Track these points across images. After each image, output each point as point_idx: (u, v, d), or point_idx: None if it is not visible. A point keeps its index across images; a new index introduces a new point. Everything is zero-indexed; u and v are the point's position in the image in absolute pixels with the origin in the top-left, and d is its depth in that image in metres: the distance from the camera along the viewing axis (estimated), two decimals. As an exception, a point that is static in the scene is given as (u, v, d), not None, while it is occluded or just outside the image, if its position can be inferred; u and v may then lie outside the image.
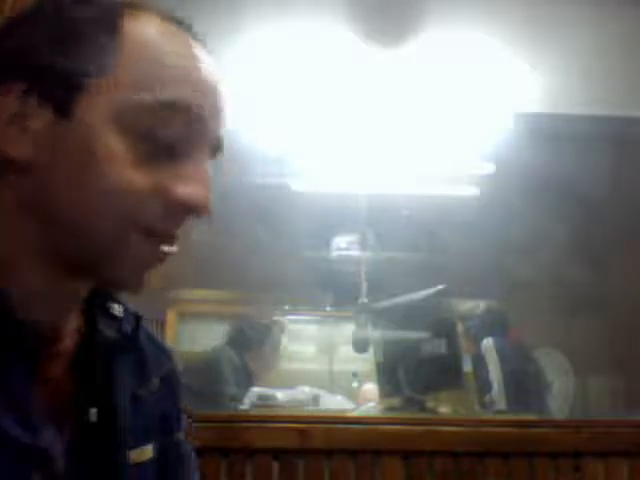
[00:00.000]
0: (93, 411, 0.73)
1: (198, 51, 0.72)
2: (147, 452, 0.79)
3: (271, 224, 3.86)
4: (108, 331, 0.77)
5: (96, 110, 0.67)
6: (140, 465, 0.77)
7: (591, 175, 3.74)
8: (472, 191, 3.95)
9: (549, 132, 3.48)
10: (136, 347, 0.81)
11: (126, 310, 0.80)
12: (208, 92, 0.71)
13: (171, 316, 4.34)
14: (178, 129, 0.69)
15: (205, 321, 4.47)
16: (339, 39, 3.11)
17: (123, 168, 0.67)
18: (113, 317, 0.78)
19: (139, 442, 0.78)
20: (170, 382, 0.86)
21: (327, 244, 4.12)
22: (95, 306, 0.77)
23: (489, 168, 3.73)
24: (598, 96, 3.26)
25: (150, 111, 0.67)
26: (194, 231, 0.78)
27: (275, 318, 3.75)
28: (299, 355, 4.39)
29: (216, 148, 0.74)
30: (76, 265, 0.70)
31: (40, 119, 0.67)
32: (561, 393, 3.72)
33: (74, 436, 0.72)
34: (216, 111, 0.72)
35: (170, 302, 4.19)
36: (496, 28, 3.14)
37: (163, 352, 0.87)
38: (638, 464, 1.75)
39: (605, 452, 1.76)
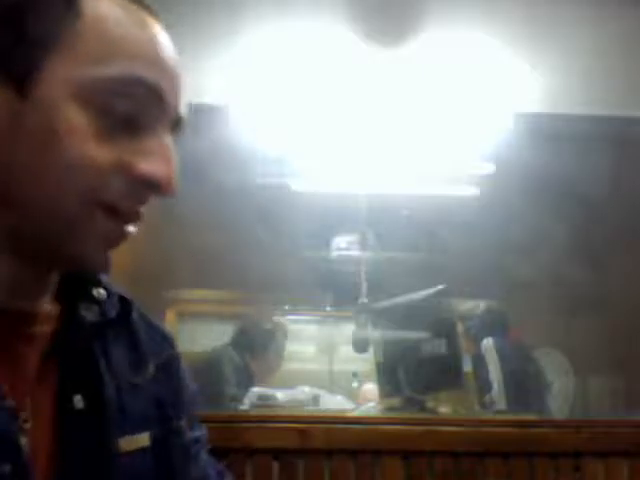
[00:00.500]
0: (77, 398, 0.72)
1: (155, 28, 0.70)
2: (141, 440, 0.77)
3: (271, 224, 3.86)
4: (89, 315, 0.75)
5: (55, 86, 0.65)
6: (132, 453, 0.75)
7: (591, 175, 3.74)
8: (472, 191, 3.95)
9: (549, 132, 3.48)
10: (123, 331, 0.79)
11: (110, 294, 0.78)
12: (166, 67, 0.69)
13: (171, 316, 4.34)
14: (138, 103, 0.67)
15: (205, 321, 4.47)
16: (339, 39, 3.11)
17: (85, 143, 0.65)
18: (96, 302, 0.76)
19: (133, 430, 0.76)
20: (170, 368, 0.84)
21: (327, 244, 4.12)
22: (76, 291, 0.75)
23: (489, 168, 3.73)
24: (598, 96, 3.26)
25: (109, 85, 0.66)
26: (193, 231, 0.77)
27: (278, 321, 3.75)
28: (299, 355, 4.39)
29: (176, 124, 0.72)
30: (38, 248, 0.68)
31: None
32: (561, 393, 3.72)
33: (60, 425, 0.71)
34: (174, 86, 0.70)
35: (170, 302, 4.19)
36: (496, 28, 3.14)
37: (162, 337, 0.85)
38: (638, 464, 1.75)
39: (605, 452, 1.76)
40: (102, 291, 0.77)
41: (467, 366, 3.06)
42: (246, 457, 1.68)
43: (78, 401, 0.72)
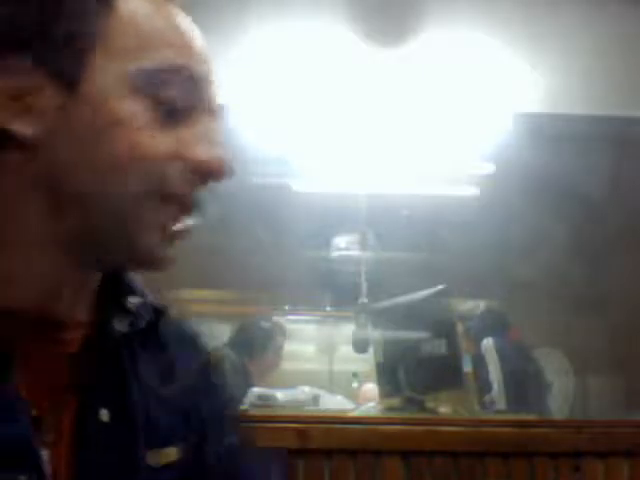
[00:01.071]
0: (104, 411, 0.69)
1: (183, 17, 0.72)
2: (169, 454, 0.74)
3: (271, 224, 3.86)
4: (119, 325, 0.72)
5: (102, 80, 0.65)
6: (159, 468, 0.73)
7: (591, 175, 3.74)
8: (472, 191, 3.95)
9: (549, 132, 3.48)
10: (153, 341, 0.76)
11: (144, 304, 0.75)
12: (199, 54, 0.70)
13: (171, 316, 4.34)
14: (180, 91, 0.67)
15: (205, 321, 4.47)
16: (339, 39, 3.11)
17: (141, 134, 0.65)
18: (129, 312, 0.73)
19: (160, 444, 0.73)
20: (200, 381, 0.81)
21: (327, 244, 4.12)
22: (110, 300, 0.73)
23: (489, 168, 3.73)
24: (598, 96, 3.26)
25: (154, 75, 0.66)
26: (193, 231, 0.77)
27: (276, 321, 3.74)
28: (299, 355, 4.39)
29: (218, 114, 0.72)
30: (101, 247, 0.67)
31: (44, 95, 0.64)
32: (561, 393, 3.72)
33: (81, 438, 0.68)
34: (208, 72, 0.70)
35: (170, 302, 4.18)
36: (496, 28, 3.14)
37: (194, 349, 0.82)
38: (638, 464, 1.75)
39: (605, 452, 1.75)
40: (135, 300, 0.74)
41: (467, 366, 3.06)
42: (246, 457, 1.68)
43: (104, 414, 0.69)
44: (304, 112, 3.36)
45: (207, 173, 0.68)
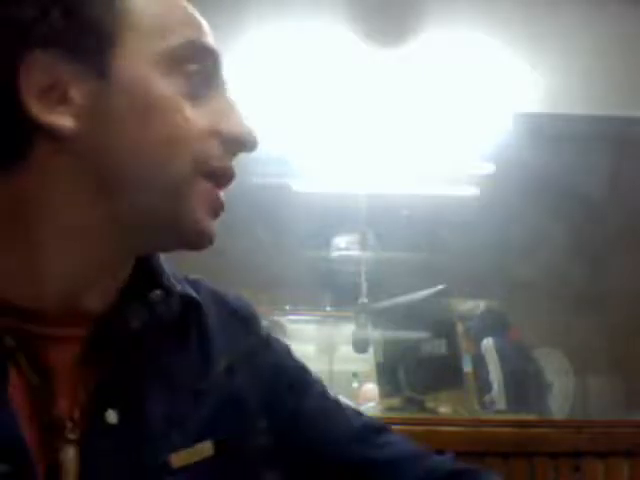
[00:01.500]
0: (111, 413, 0.66)
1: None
2: (202, 450, 0.72)
3: (271, 224, 3.86)
4: (134, 320, 0.69)
5: (132, 63, 0.65)
6: (189, 468, 0.70)
7: (591, 175, 3.74)
8: (472, 191, 3.95)
9: (549, 132, 3.48)
10: (185, 333, 0.74)
11: (169, 296, 0.72)
12: (208, 32, 0.71)
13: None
14: (204, 67, 0.68)
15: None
16: (339, 39, 3.11)
17: (181, 110, 0.65)
18: (149, 304, 0.71)
19: (190, 441, 0.71)
20: (252, 358, 0.79)
21: (327, 244, 4.12)
22: (133, 293, 0.71)
23: (489, 168, 3.73)
24: (598, 96, 3.26)
25: (180, 52, 0.66)
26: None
27: (275, 319, 3.74)
28: (299, 355, 4.38)
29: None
30: (143, 229, 0.67)
31: (78, 85, 0.64)
32: (561, 393, 3.72)
33: (88, 439, 0.66)
34: (216, 47, 0.72)
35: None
36: (496, 28, 3.14)
37: (242, 325, 0.80)
38: (638, 464, 1.75)
39: (605, 452, 1.75)
40: (159, 292, 0.71)
41: (467, 366, 3.06)
42: (246, 457, 1.68)
43: (112, 416, 0.66)
44: (304, 112, 3.36)
45: (241, 145, 0.69)
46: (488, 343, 3.42)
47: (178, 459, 0.69)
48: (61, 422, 0.65)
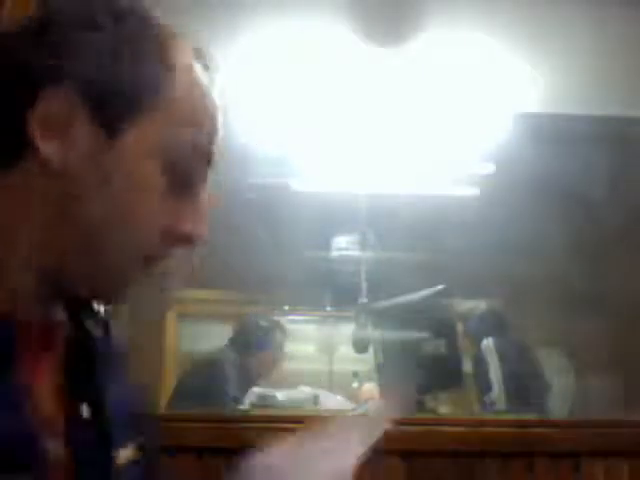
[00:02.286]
0: (84, 407, 0.73)
1: (213, 96, 0.77)
2: (131, 453, 0.79)
3: (271, 224, 3.86)
4: (94, 329, 0.78)
5: (140, 140, 0.69)
6: (126, 466, 0.77)
7: (591, 175, 3.74)
8: (472, 191, 3.95)
9: (549, 132, 3.48)
10: (111, 346, 0.82)
11: (105, 310, 0.82)
12: (218, 136, 0.76)
13: (171, 316, 4.34)
14: (196, 167, 0.73)
15: (205, 321, 4.47)
16: (339, 39, 3.11)
17: (153, 201, 0.70)
18: (95, 315, 0.80)
19: (125, 442, 0.77)
20: (132, 383, 0.86)
21: (327, 244, 4.12)
22: (78, 304, 0.78)
23: (489, 168, 3.73)
24: (598, 96, 3.26)
25: (182, 149, 0.71)
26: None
27: (274, 318, 3.73)
28: (299, 355, 4.39)
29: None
30: (77, 283, 0.72)
31: (84, 131, 0.68)
32: (561, 393, 3.72)
33: (71, 434, 0.71)
34: (219, 150, 0.77)
35: (170, 302, 4.18)
36: (496, 28, 3.14)
37: (123, 352, 0.88)
38: (638, 464, 1.75)
39: (605, 452, 1.75)
40: (99, 306, 0.80)
41: (467, 366, 3.06)
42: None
43: (85, 410, 0.73)
44: (304, 112, 3.36)
45: (186, 244, 0.75)
46: (488, 343, 3.42)
47: (120, 457, 0.76)
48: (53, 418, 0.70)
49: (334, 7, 3.03)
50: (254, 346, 3.38)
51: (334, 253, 4.08)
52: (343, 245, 4.06)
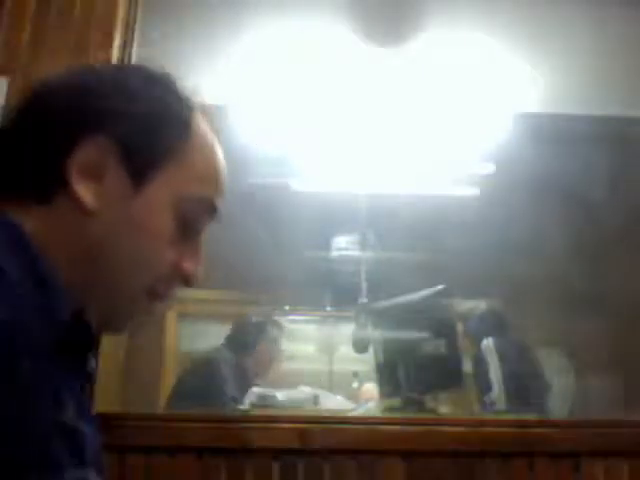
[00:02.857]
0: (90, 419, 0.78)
1: (222, 155, 0.89)
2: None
3: (271, 224, 3.86)
4: (92, 361, 0.84)
5: (162, 191, 0.81)
6: None
7: (591, 175, 3.74)
8: (472, 191, 3.95)
9: (549, 132, 3.48)
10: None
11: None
12: (224, 191, 0.88)
13: (171, 316, 4.34)
14: (205, 217, 0.86)
15: (205, 321, 4.47)
16: (339, 39, 3.11)
17: (163, 247, 0.82)
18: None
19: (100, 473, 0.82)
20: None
21: (327, 244, 4.12)
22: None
23: (489, 168, 3.73)
24: (598, 96, 3.26)
25: (196, 203, 0.84)
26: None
27: (273, 318, 3.74)
28: (299, 355, 4.39)
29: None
30: (86, 302, 0.78)
31: (116, 179, 0.79)
32: (561, 393, 3.72)
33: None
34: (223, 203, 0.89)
35: (170, 302, 4.18)
36: (496, 28, 3.14)
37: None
38: (638, 464, 1.75)
39: (605, 452, 1.75)
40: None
41: (467, 366, 3.06)
42: (246, 457, 1.68)
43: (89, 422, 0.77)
44: (304, 112, 3.36)
45: (187, 282, 0.86)
46: (488, 343, 3.42)
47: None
48: None
49: (334, 7, 3.03)
50: (250, 346, 3.38)
51: (334, 253, 4.08)
52: (343, 245, 4.06)
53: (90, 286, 0.79)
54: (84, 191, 0.78)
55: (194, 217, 0.84)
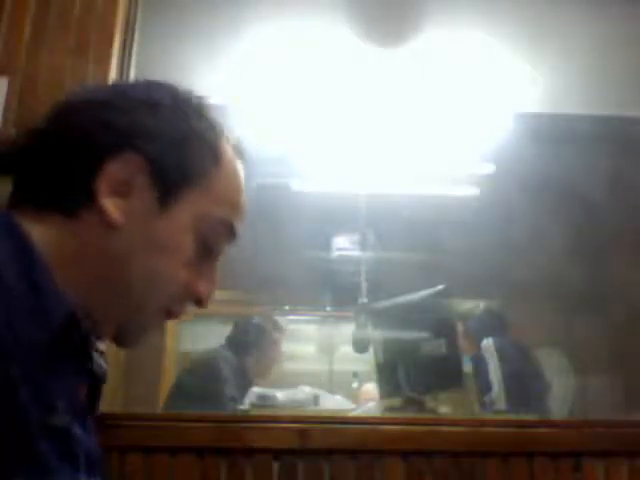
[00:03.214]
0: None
1: (244, 178, 0.91)
2: None
3: (271, 224, 3.86)
4: (100, 362, 0.85)
5: (186, 212, 0.82)
6: None
7: (591, 175, 3.74)
8: (472, 191, 3.95)
9: (549, 132, 3.48)
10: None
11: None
12: (244, 214, 0.90)
13: (171, 316, 4.33)
14: (225, 240, 0.88)
15: (205, 321, 4.47)
16: (339, 39, 3.11)
17: (181, 267, 0.83)
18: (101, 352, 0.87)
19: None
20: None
21: (327, 244, 4.12)
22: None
23: (489, 168, 3.73)
24: (598, 96, 3.26)
25: (216, 225, 0.86)
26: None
27: (271, 317, 3.73)
28: (299, 355, 4.39)
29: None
30: (102, 319, 0.81)
31: (143, 197, 0.81)
32: (561, 393, 3.72)
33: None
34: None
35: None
36: (496, 28, 3.14)
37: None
38: (638, 464, 1.75)
39: (605, 452, 1.75)
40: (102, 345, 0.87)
41: (467, 366, 3.06)
42: (246, 457, 1.68)
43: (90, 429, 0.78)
44: (304, 112, 3.36)
45: (199, 303, 0.88)
46: (488, 343, 3.42)
47: None
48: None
49: (334, 7, 3.03)
50: (250, 346, 3.38)
51: (334, 253, 4.08)
52: (343, 245, 4.06)
53: (106, 300, 0.80)
54: (111, 206, 0.80)
55: (214, 239, 0.86)
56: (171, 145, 0.82)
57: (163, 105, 0.84)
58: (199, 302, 0.87)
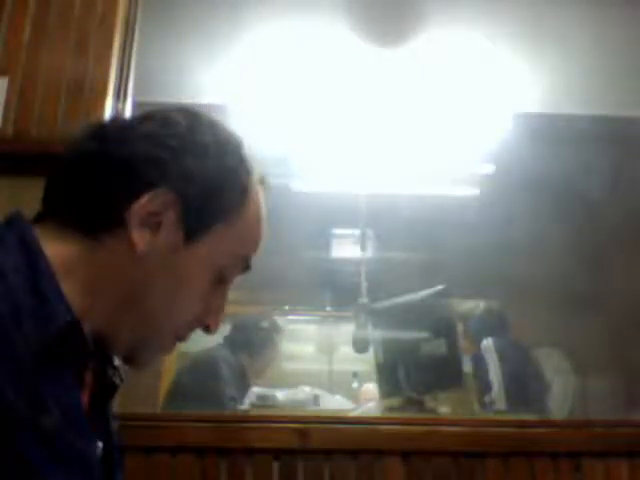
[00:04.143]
0: (99, 445, 0.82)
1: (264, 211, 0.94)
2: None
3: (271, 224, 3.85)
4: (112, 374, 0.90)
5: (209, 247, 0.85)
6: None
7: (591, 175, 3.74)
8: (472, 191, 3.95)
9: (549, 132, 3.48)
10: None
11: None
12: (260, 246, 0.94)
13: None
14: (236, 273, 0.91)
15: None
16: (339, 39, 3.11)
17: (197, 300, 0.87)
18: (115, 367, 0.91)
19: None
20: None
21: (327, 244, 4.12)
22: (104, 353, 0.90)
23: (489, 168, 3.73)
24: (598, 96, 3.26)
25: (235, 261, 0.89)
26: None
27: (273, 319, 3.73)
28: (299, 355, 4.39)
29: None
30: (117, 342, 0.84)
31: (169, 232, 0.83)
32: (561, 393, 3.72)
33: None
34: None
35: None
36: (496, 28, 3.14)
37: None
38: (638, 464, 1.75)
39: (605, 452, 1.75)
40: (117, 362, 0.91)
41: (467, 366, 3.06)
42: (246, 457, 1.68)
43: (99, 449, 0.82)
44: (304, 112, 3.36)
45: (206, 331, 0.92)
46: (488, 343, 3.42)
47: None
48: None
49: (334, 7, 3.03)
50: (249, 346, 3.38)
51: (334, 253, 4.08)
52: (343, 245, 4.06)
53: (121, 322, 0.83)
54: (139, 238, 0.82)
55: (230, 272, 0.89)
56: (206, 186, 0.84)
57: (204, 143, 0.86)
58: (207, 330, 0.91)
